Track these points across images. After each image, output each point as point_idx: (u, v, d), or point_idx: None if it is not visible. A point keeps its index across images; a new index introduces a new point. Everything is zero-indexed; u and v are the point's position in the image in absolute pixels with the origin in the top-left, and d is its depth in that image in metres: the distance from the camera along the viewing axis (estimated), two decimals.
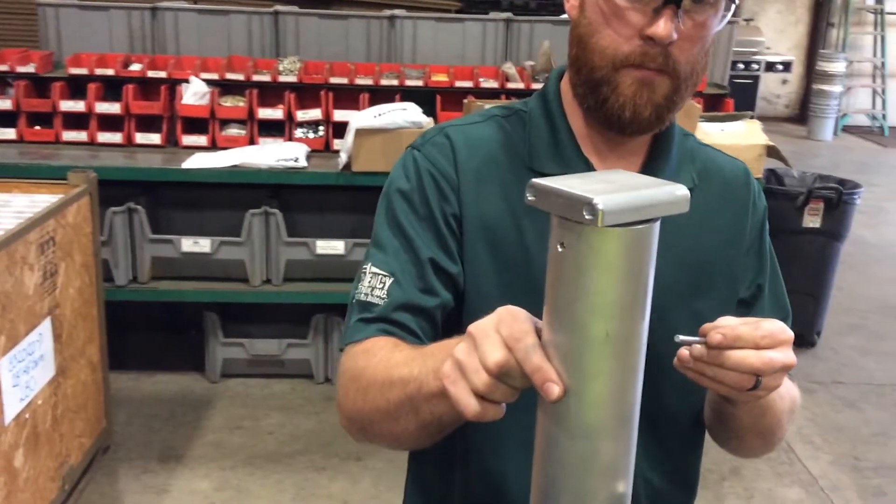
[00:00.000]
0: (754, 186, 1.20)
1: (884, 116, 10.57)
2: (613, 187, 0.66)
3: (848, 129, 10.49)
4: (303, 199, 3.62)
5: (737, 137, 3.47)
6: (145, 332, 3.86)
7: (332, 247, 3.47)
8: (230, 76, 3.66)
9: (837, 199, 4.15)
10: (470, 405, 0.75)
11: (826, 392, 3.93)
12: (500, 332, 0.74)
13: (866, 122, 10.83)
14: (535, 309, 1.00)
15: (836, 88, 9.71)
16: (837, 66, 9.61)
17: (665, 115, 1.04)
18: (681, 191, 0.70)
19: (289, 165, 3.38)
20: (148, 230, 3.38)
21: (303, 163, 3.41)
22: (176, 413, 3.43)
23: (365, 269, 1.10)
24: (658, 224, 0.68)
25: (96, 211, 2.92)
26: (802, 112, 10.50)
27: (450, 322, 1.11)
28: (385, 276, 1.08)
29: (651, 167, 1.12)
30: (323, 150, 3.66)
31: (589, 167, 1.11)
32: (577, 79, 1.07)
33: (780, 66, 9.26)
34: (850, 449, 3.45)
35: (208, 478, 3.03)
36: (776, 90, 10.97)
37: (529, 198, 0.69)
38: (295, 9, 3.90)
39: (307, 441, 3.28)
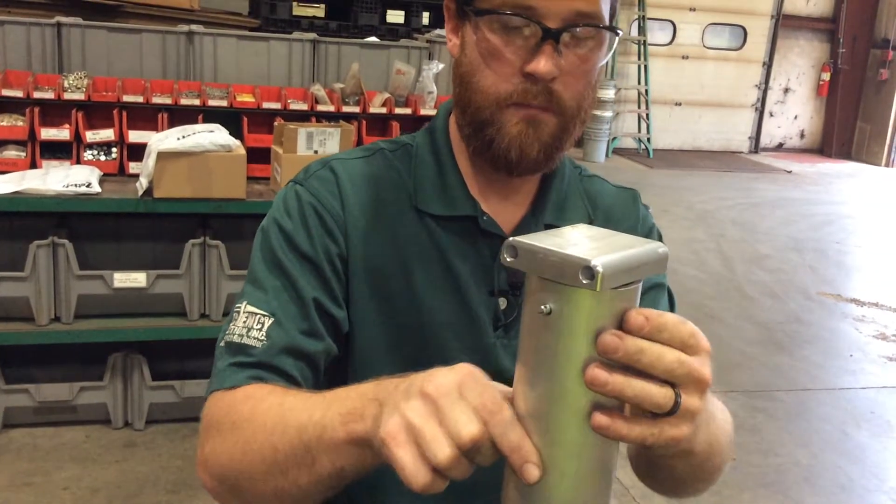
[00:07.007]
0: (641, 210, 1.19)
1: (648, 140, 11.47)
2: (601, 247, 0.62)
3: (618, 152, 11.27)
4: (97, 228, 3.30)
5: None
6: None
7: (131, 279, 3.19)
8: (7, 92, 3.28)
9: None
10: (419, 475, 0.64)
11: None
12: (469, 399, 0.65)
13: (633, 144, 11.69)
14: (427, 357, 0.93)
15: (607, 113, 10.41)
16: (608, 93, 10.31)
17: (554, 154, 1.00)
18: (662, 249, 0.67)
19: (80, 191, 3.07)
20: None
21: (96, 188, 3.11)
22: None
23: (239, 308, 1.00)
24: (641, 284, 0.65)
25: None
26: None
27: (331, 372, 1.02)
28: (264, 315, 0.98)
29: (539, 207, 1.09)
30: (117, 173, 3.37)
31: (476, 208, 1.06)
32: (462, 119, 1.03)
33: None
34: None
35: None
36: None
37: (508, 259, 0.62)
38: (80, 21, 3.56)
39: (109, 494, 2.98)
